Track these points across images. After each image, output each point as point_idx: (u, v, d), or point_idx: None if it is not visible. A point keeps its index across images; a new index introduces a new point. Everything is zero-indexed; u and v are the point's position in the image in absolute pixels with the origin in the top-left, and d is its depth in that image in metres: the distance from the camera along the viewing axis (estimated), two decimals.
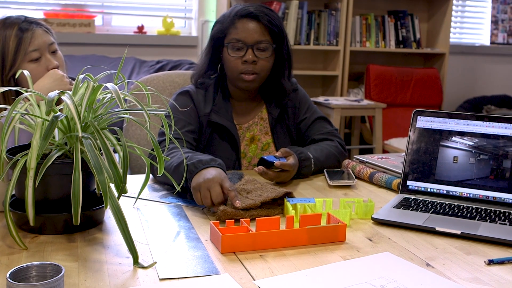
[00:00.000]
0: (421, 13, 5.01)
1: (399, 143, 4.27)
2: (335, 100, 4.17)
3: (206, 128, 1.94)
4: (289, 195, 1.52)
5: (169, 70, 3.66)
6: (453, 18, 5.01)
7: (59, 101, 1.35)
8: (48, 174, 1.20)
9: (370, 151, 4.38)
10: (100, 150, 1.20)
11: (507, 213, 1.46)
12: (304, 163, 1.82)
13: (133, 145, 1.42)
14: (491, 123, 1.56)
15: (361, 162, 1.92)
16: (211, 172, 1.49)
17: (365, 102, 4.25)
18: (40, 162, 1.18)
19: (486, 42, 5.59)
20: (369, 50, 4.74)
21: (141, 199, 1.56)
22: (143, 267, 1.12)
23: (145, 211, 1.48)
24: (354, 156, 1.97)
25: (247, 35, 1.87)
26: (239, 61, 1.88)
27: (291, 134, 2.04)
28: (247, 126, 2.00)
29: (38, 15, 4.11)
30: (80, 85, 1.33)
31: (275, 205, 1.50)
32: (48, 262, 0.95)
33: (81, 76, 1.35)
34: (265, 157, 1.73)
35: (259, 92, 2.02)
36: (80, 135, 1.16)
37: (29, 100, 1.31)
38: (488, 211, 1.48)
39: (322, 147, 1.93)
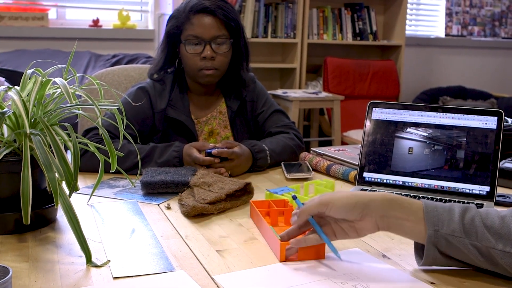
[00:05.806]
0: (377, 5, 5.06)
1: (358, 134, 4.31)
2: (294, 93, 4.18)
3: (163, 123, 1.91)
4: (248, 186, 1.52)
5: (126, 64, 3.61)
6: (408, 11, 5.08)
7: None
8: None
9: (329, 143, 4.41)
10: (51, 147, 1.17)
11: (461, 203, 1.47)
12: (258, 155, 1.81)
13: (86, 141, 1.39)
14: (445, 114, 1.58)
15: (318, 154, 1.92)
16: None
17: (324, 94, 4.27)
18: None
19: (441, 34, 5.68)
20: (327, 42, 4.76)
21: (96, 196, 1.53)
22: (97, 266, 1.10)
23: (99, 208, 1.45)
24: (311, 148, 1.97)
25: (204, 31, 1.85)
26: (198, 58, 1.86)
27: (249, 128, 2.03)
28: (205, 120, 1.98)
29: None
30: (28, 80, 1.29)
31: (236, 196, 1.49)
32: None
33: (29, 71, 1.31)
34: (207, 150, 1.73)
35: (217, 86, 2.00)
36: (28, 131, 1.12)
37: None
38: (443, 201, 1.49)
39: (278, 139, 1.93)
